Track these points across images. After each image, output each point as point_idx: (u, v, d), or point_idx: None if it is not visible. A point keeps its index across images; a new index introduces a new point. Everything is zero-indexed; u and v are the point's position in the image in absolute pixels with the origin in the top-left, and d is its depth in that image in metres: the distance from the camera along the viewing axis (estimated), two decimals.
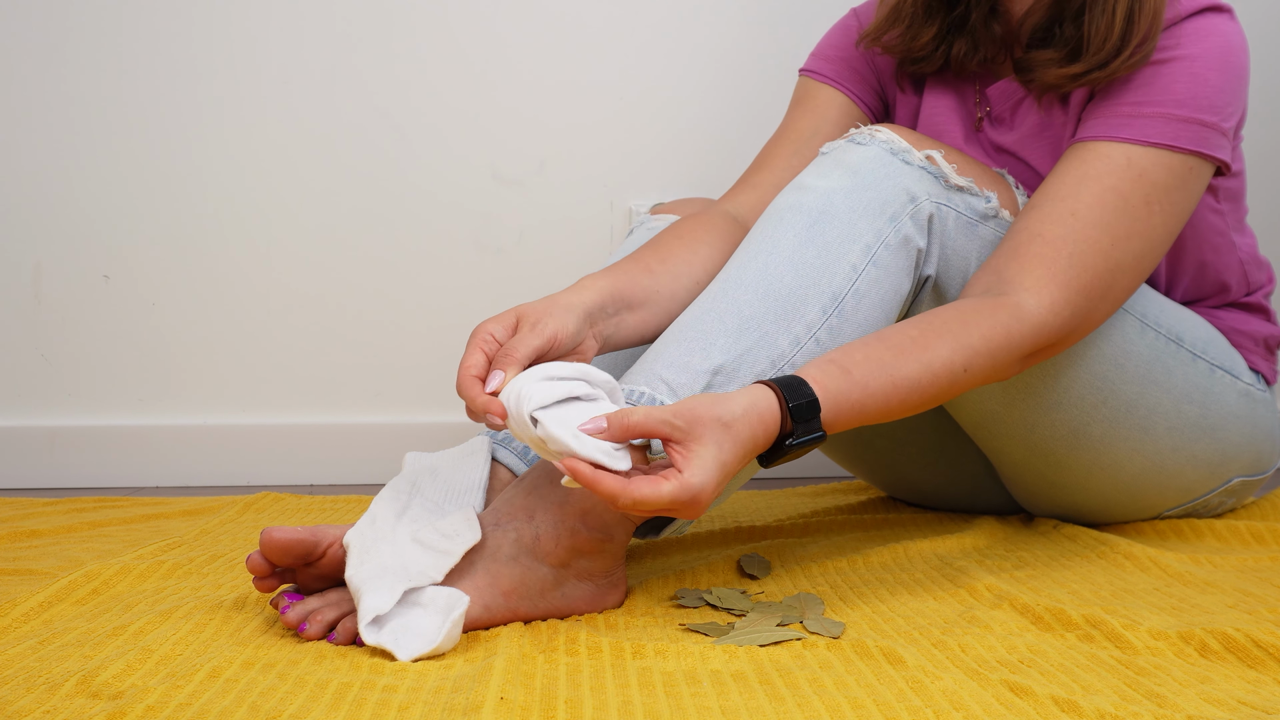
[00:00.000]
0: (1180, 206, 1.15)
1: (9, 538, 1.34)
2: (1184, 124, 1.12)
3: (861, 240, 1.07)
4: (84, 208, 1.82)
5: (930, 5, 1.26)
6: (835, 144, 1.15)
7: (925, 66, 1.28)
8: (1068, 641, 0.90)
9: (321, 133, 1.83)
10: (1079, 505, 1.32)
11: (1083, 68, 1.16)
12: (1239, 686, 0.79)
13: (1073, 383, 1.20)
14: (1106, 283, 1.11)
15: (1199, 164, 1.14)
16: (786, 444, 0.93)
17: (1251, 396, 1.29)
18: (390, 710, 0.76)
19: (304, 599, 0.94)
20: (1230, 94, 1.14)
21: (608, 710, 0.75)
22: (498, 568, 0.95)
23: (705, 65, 1.86)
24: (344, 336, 1.86)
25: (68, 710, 0.76)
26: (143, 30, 1.81)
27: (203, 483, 1.83)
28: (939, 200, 1.11)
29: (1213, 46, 1.14)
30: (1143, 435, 1.24)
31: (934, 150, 1.13)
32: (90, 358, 1.84)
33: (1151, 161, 1.12)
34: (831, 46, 1.35)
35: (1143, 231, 1.12)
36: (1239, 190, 1.30)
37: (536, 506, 0.98)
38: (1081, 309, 1.10)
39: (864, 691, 0.78)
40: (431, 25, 1.84)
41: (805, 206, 1.09)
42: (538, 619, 0.97)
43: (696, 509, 0.88)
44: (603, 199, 1.87)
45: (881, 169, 1.10)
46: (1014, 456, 1.28)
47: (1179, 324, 1.25)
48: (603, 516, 0.98)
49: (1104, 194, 1.11)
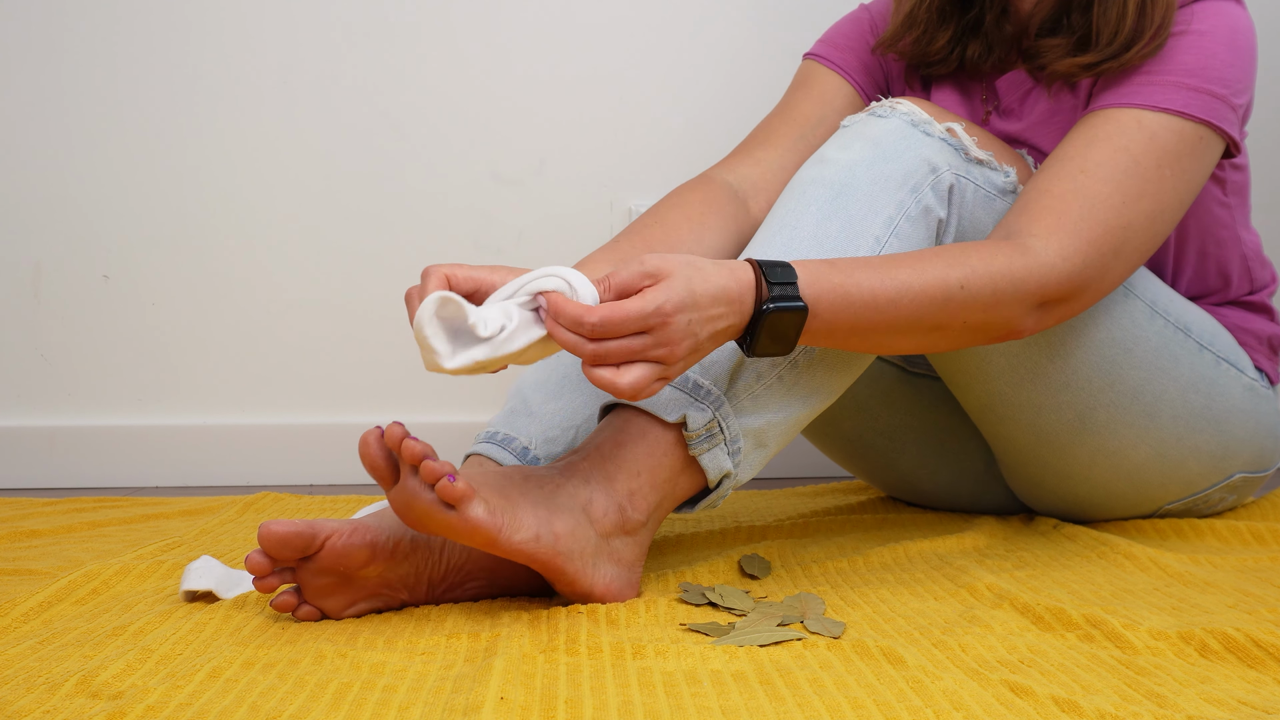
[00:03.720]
0: (1191, 174, 1.13)
1: (9, 538, 1.34)
2: (1194, 92, 1.12)
3: (884, 212, 1.07)
4: (84, 208, 1.82)
5: (944, 10, 1.26)
6: (857, 117, 1.15)
7: (940, 69, 1.29)
8: (1068, 641, 0.90)
9: (321, 132, 1.83)
10: (1081, 497, 1.32)
11: (1095, 58, 1.16)
12: (1239, 686, 0.79)
13: (1081, 364, 1.20)
14: (1119, 239, 1.09)
15: (1209, 135, 1.13)
16: (764, 308, 0.94)
17: (1256, 392, 1.29)
18: (390, 710, 0.76)
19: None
20: (1239, 72, 1.15)
21: (608, 710, 0.75)
22: (556, 508, 0.97)
23: (706, 65, 1.86)
24: (344, 336, 1.86)
25: (68, 710, 0.76)
26: (141, 30, 1.81)
27: (202, 483, 1.83)
28: (959, 172, 1.12)
29: (1222, 25, 1.14)
30: (1148, 422, 1.24)
31: (955, 123, 1.13)
32: (90, 358, 1.84)
33: (1162, 125, 1.12)
34: (842, 36, 1.35)
35: (1154, 193, 1.11)
36: (1244, 185, 1.30)
37: (592, 474, 1.00)
38: (1093, 261, 1.08)
39: (864, 691, 0.78)
40: (431, 25, 1.84)
41: (827, 180, 1.09)
42: (569, 582, 0.97)
43: (668, 335, 0.90)
44: (602, 198, 1.87)
45: (902, 141, 1.10)
46: (1019, 442, 1.28)
47: (1186, 314, 1.25)
48: (645, 500, 1.01)
49: (1114, 153, 1.11)
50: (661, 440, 1.02)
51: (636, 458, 1.01)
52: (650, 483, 1.02)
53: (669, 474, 1.03)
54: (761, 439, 1.07)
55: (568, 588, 0.98)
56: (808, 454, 1.82)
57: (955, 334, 1.05)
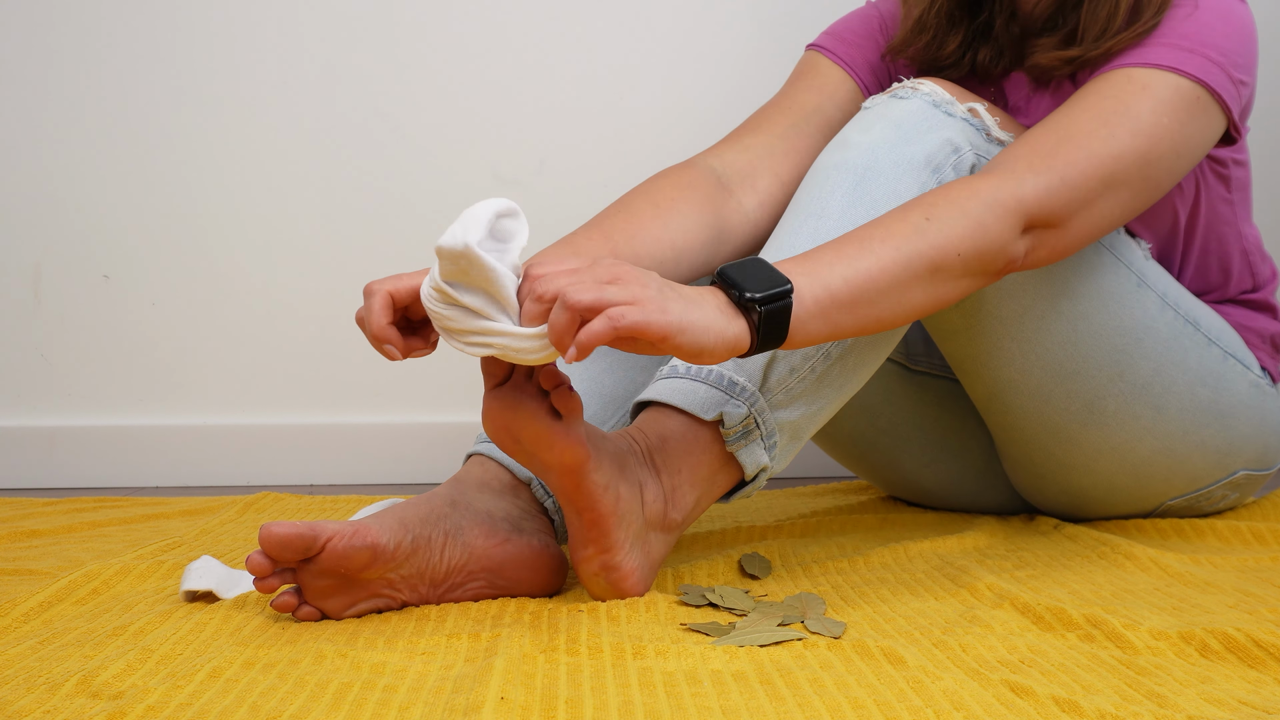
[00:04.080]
0: (1189, 133, 1.11)
1: (9, 538, 1.34)
2: (1190, 53, 1.11)
3: (906, 195, 1.07)
4: (84, 208, 1.82)
5: (953, 15, 1.25)
6: (878, 98, 1.15)
7: (951, 74, 1.28)
8: (1068, 641, 0.90)
9: (321, 132, 1.83)
10: (1085, 490, 1.32)
11: (1078, 53, 1.16)
12: (1239, 686, 0.79)
13: (1092, 352, 1.20)
14: (1108, 170, 1.06)
15: (1206, 99, 1.12)
16: (748, 296, 0.89)
17: (1261, 389, 1.30)
18: (391, 710, 0.76)
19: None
20: (1238, 47, 1.13)
21: (608, 710, 0.75)
22: (625, 473, 0.98)
23: (706, 64, 1.86)
24: (344, 336, 1.86)
25: (68, 710, 0.76)
26: (142, 30, 1.81)
27: (203, 483, 1.83)
28: (980, 152, 1.11)
29: (1218, 4, 1.14)
30: (1156, 415, 1.24)
31: (977, 104, 1.13)
32: (90, 358, 1.84)
33: (1157, 79, 1.10)
34: (850, 31, 1.32)
35: (1148, 133, 1.08)
36: (1246, 182, 1.30)
37: (645, 460, 1.01)
38: (1074, 181, 1.05)
39: (865, 691, 0.78)
40: (432, 24, 1.84)
41: (850, 164, 1.09)
42: (606, 547, 0.97)
43: (636, 284, 0.86)
44: (603, 198, 1.87)
45: (925, 122, 1.10)
46: (1025, 433, 1.27)
47: (1195, 309, 1.25)
48: (685, 499, 1.02)
49: (1102, 100, 1.09)
50: (700, 438, 1.02)
51: (677, 454, 1.02)
52: (690, 480, 1.02)
53: (708, 471, 1.03)
54: (797, 431, 1.07)
55: (601, 554, 0.98)
56: (809, 453, 1.82)
57: (957, 271, 1.00)
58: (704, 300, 0.90)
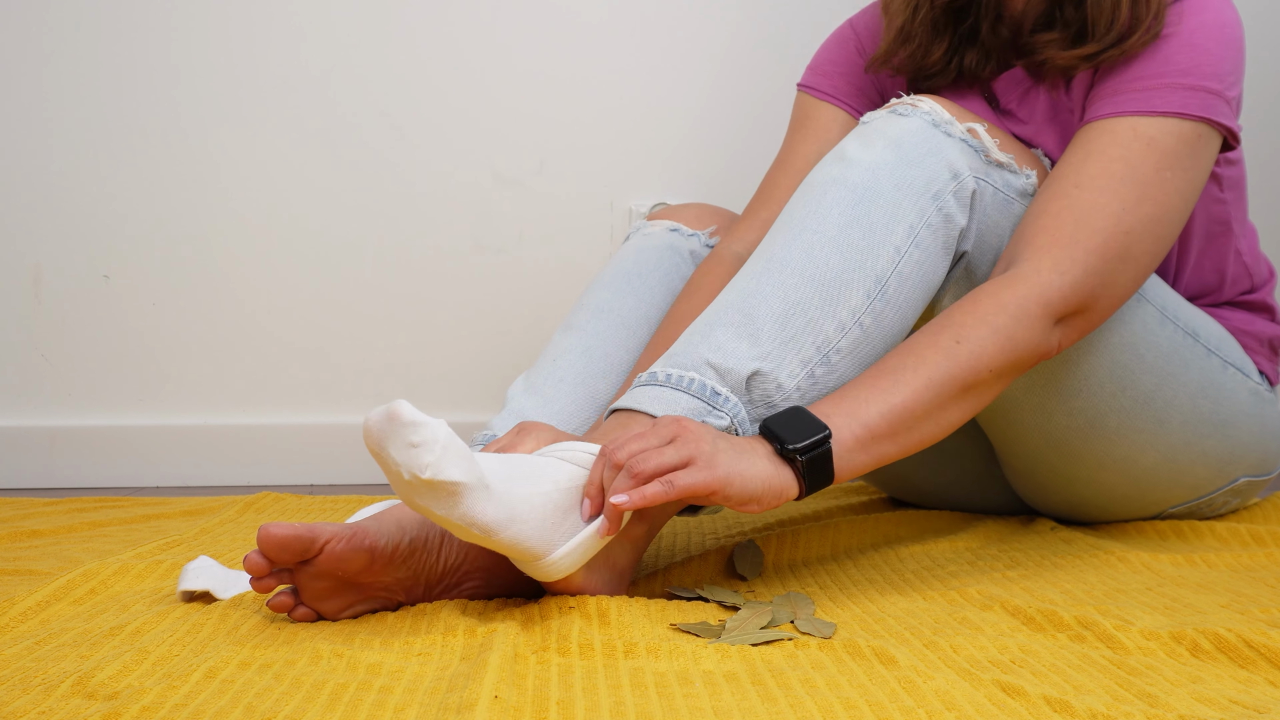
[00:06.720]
0: (1193, 174, 1.13)
1: (9, 538, 1.35)
2: (1190, 91, 1.12)
3: (905, 220, 1.07)
4: (84, 208, 1.83)
5: (938, 22, 1.25)
6: (877, 114, 1.14)
7: (938, 81, 1.28)
8: (1059, 642, 0.90)
9: (321, 132, 1.84)
10: (1086, 500, 1.32)
11: (1095, 48, 1.16)
12: (1230, 686, 0.79)
13: (1093, 370, 1.20)
14: (1122, 244, 1.09)
15: (1207, 131, 1.13)
16: (789, 448, 0.95)
17: (1260, 396, 1.30)
18: (386, 710, 0.76)
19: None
20: (1230, 64, 1.14)
21: (600, 710, 0.76)
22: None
23: (706, 65, 1.86)
24: (344, 336, 1.86)
25: (64, 710, 0.76)
26: (141, 30, 1.81)
27: (203, 483, 1.84)
28: (980, 175, 1.11)
29: (1210, 19, 1.14)
30: (1157, 428, 1.24)
31: (976, 124, 1.13)
32: (90, 358, 1.84)
33: (1160, 130, 1.11)
34: (829, 61, 1.34)
35: (1155, 196, 1.10)
36: (1240, 180, 1.30)
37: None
38: (1095, 269, 1.07)
39: (856, 691, 0.78)
40: (431, 25, 1.84)
41: (850, 182, 1.08)
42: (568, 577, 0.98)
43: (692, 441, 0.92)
44: (603, 198, 1.87)
45: (925, 143, 1.09)
46: (1027, 447, 1.28)
47: (1195, 319, 1.25)
48: (653, 513, 1.02)
49: (1109, 164, 1.10)
50: None
51: None
52: None
53: None
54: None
55: (561, 581, 0.98)
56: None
57: (990, 383, 1.03)
58: (754, 450, 0.96)
